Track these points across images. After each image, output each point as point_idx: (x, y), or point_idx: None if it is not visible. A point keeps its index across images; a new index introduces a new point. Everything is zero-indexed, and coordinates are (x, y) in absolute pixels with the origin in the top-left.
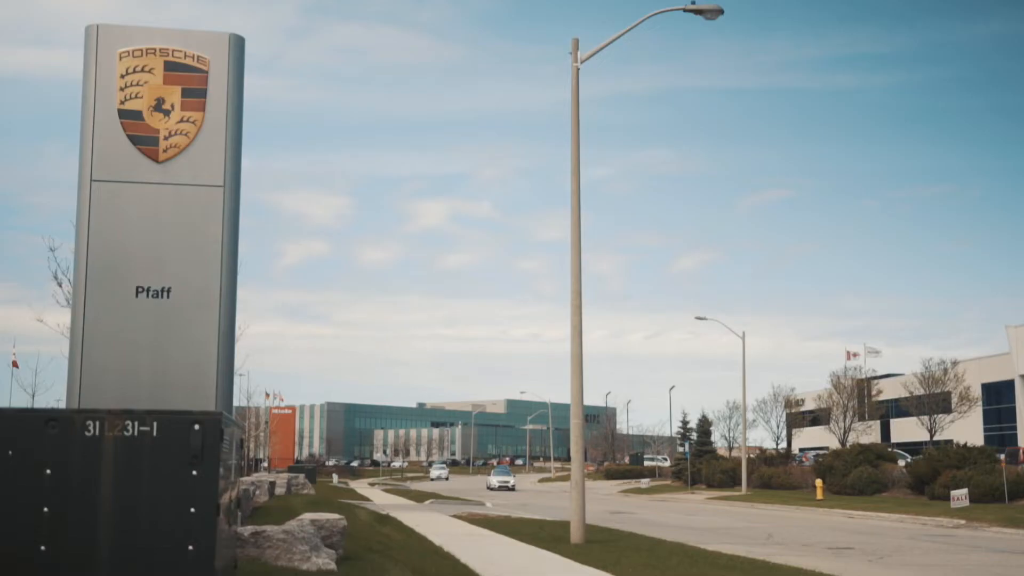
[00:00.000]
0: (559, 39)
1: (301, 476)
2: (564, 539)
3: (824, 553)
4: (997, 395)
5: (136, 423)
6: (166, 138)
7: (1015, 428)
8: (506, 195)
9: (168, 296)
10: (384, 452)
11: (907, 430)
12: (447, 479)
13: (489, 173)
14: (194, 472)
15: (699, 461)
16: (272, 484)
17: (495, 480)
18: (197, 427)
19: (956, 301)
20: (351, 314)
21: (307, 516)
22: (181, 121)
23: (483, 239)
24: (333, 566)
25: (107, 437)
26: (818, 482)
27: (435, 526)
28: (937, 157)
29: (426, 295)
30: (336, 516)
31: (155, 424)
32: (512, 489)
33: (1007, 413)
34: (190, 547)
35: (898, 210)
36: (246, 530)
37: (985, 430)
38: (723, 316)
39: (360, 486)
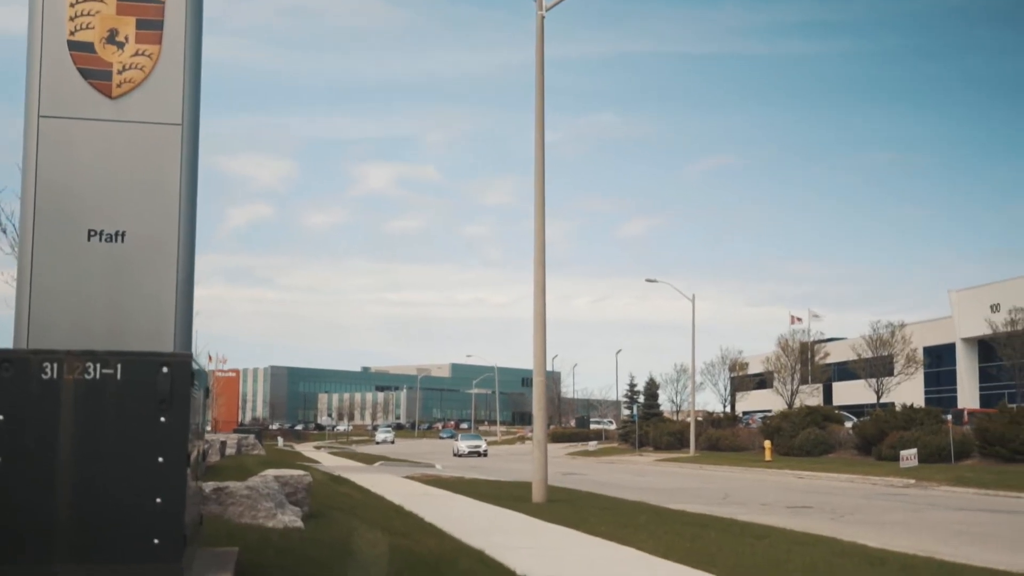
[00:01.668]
0: (510, 3)
1: (251, 437)
2: (525, 499)
3: (784, 512)
4: (938, 358)
5: (98, 365)
6: (120, 72)
7: (955, 391)
8: (452, 159)
9: (122, 240)
10: (329, 416)
11: (850, 393)
12: (393, 443)
13: (435, 137)
14: (162, 418)
15: (646, 424)
16: (223, 444)
17: (464, 446)
18: (165, 369)
19: (899, 267)
20: (296, 278)
21: (270, 472)
22: (136, 55)
23: (429, 203)
24: (300, 523)
25: (66, 380)
26: (766, 443)
27: (390, 486)
28: (884, 124)
29: (371, 259)
30: (300, 472)
31: (119, 366)
32: (484, 455)
33: (947, 376)
34: (157, 500)
35: (845, 177)
36: (208, 486)
37: (926, 393)
38: (671, 281)
39: (306, 449)
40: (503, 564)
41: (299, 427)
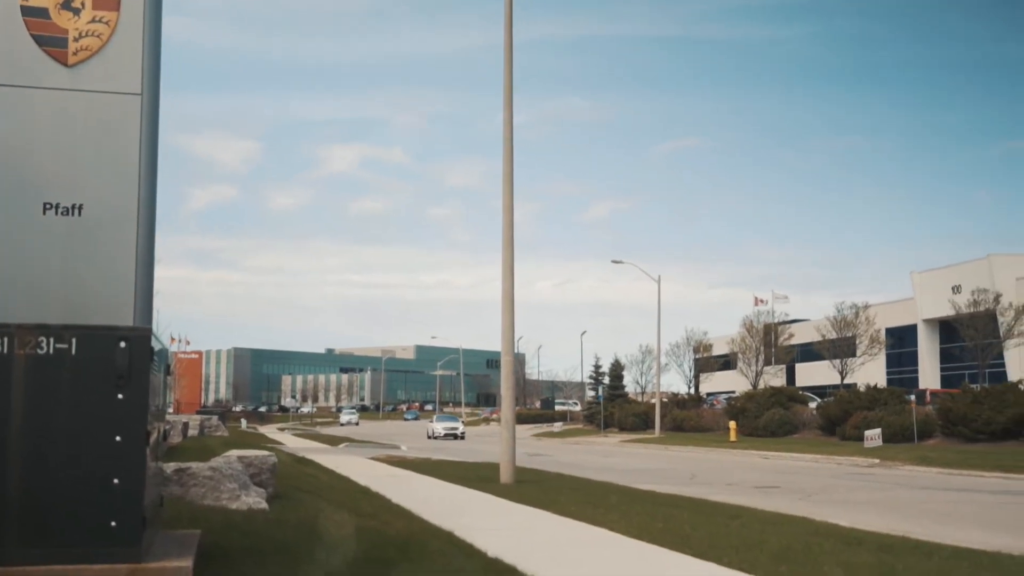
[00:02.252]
0: None
1: (214, 418)
2: (493, 480)
3: (752, 492)
4: (900, 339)
5: (52, 339)
6: (76, 39)
7: (916, 371)
8: (419, 141)
9: (80, 214)
10: (292, 398)
11: (814, 374)
12: (357, 424)
13: (402, 119)
14: (120, 395)
15: (611, 405)
16: (186, 425)
17: (440, 427)
18: (123, 344)
19: (862, 250)
20: (260, 260)
21: (234, 453)
22: (93, 21)
23: (395, 185)
24: (264, 505)
25: (18, 355)
26: (731, 424)
27: (356, 468)
28: (848, 108)
29: (336, 241)
30: (265, 453)
31: (74, 341)
32: (462, 437)
33: (909, 357)
34: (115, 480)
35: (809, 160)
36: (168, 467)
37: (888, 373)
38: (636, 263)
39: (270, 431)
40: (473, 546)
41: (263, 409)
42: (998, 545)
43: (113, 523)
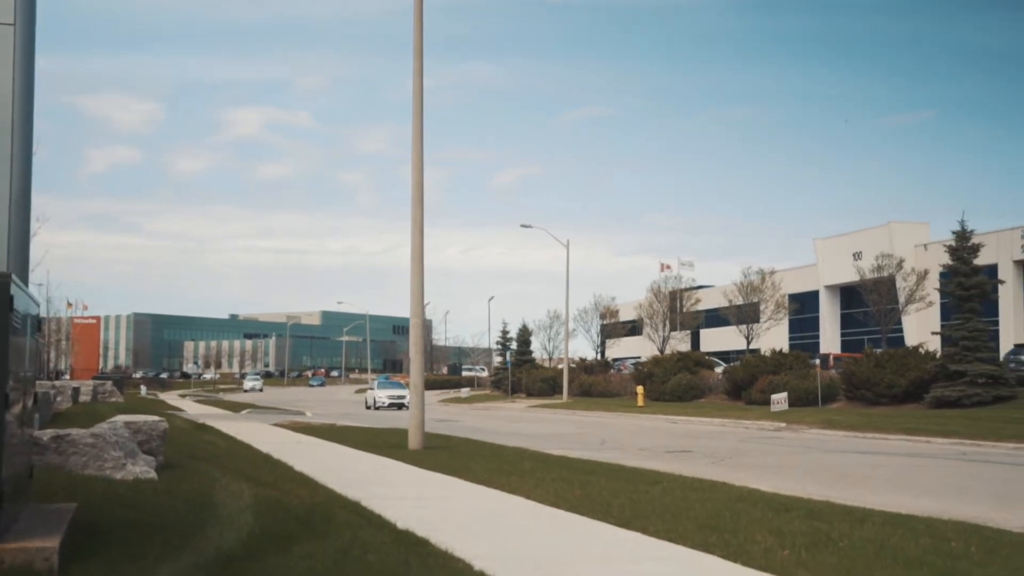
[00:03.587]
0: None
1: (108, 383)
2: (401, 446)
3: (665, 457)
4: (802, 305)
5: None
6: None
7: (818, 336)
8: (326, 105)
9: None
10: (195, 364)
11: (719, 339)
12: (261, 390)
13: (309, 82)
14: None
15: (519, 371)
16: (76, 390)
17: (383, 395)
18: None
19: (765, 218)
20: (162, 224)
21: (121, 418)
22: None
23: (301, 150)
24: (153, 474)
25: None
26: (639, 389)
27: (258, 434)
28: (750, 78)
29: (241, 206)
30: (155, 418)
31: None
32: (407, 407)
33: (810, 322)
34: None
35: (713, 129)
36: (45, 434)
37: (791, 339)
38: (543, 231)
39: (170, 397)
40: (381, 516)
41: (164, 375)
42: (921, 508)
43: None
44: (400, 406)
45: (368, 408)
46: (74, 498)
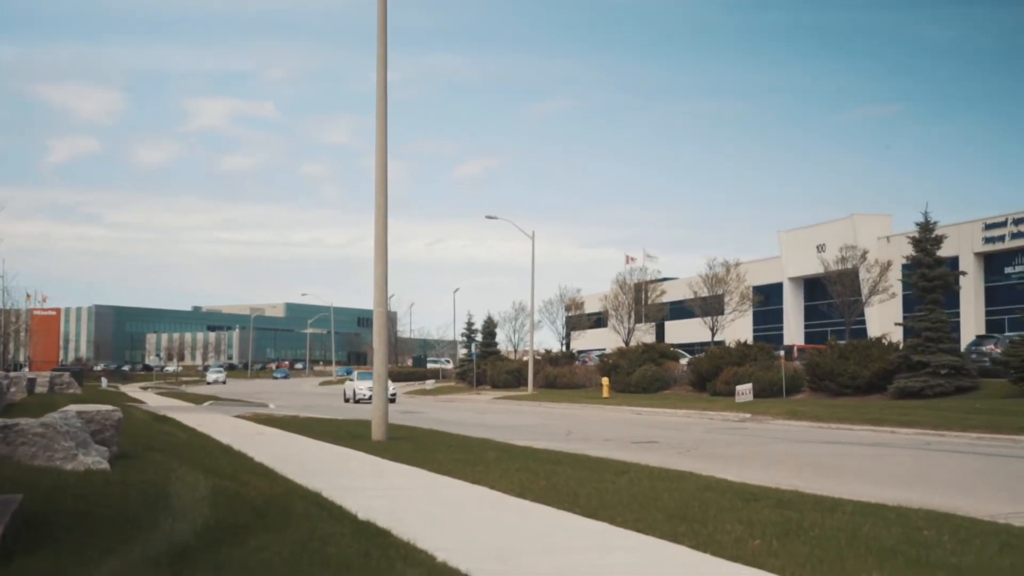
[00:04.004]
0: None
1: (66, 375)
2: (364, 437)
3: (631, 447)
4: (767, 297)
5: None
6: None
7: (782, 328)
8: (290, 97)
9: None
10: (157, 356)
11: (684, 331)
12: (224, 383)
13: (273, 73)
14: None
15: (484, 362)
16: (32, 381)
17: (363, 387)
18: None
19: (730, 211)
20: (124, 215)
21: (73, 408)
22: None
23: (265, 141)
24: (105, 465)
25: None
26: (604, 380)
27: (219, 426)
28: (717, 72)
29: (205, 197)
30: (108, 407)
31: None
32: (391, 401)
33: (774, 314)
34: None
35: (679, 122)
36: None
37: (755, 330)
38: (508, 223)
39: (132, 390)
40: (342, 507)
41: (126, 367)
42: (889, 498)
43: None
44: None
45: (347, 401)
46: (21, 489)
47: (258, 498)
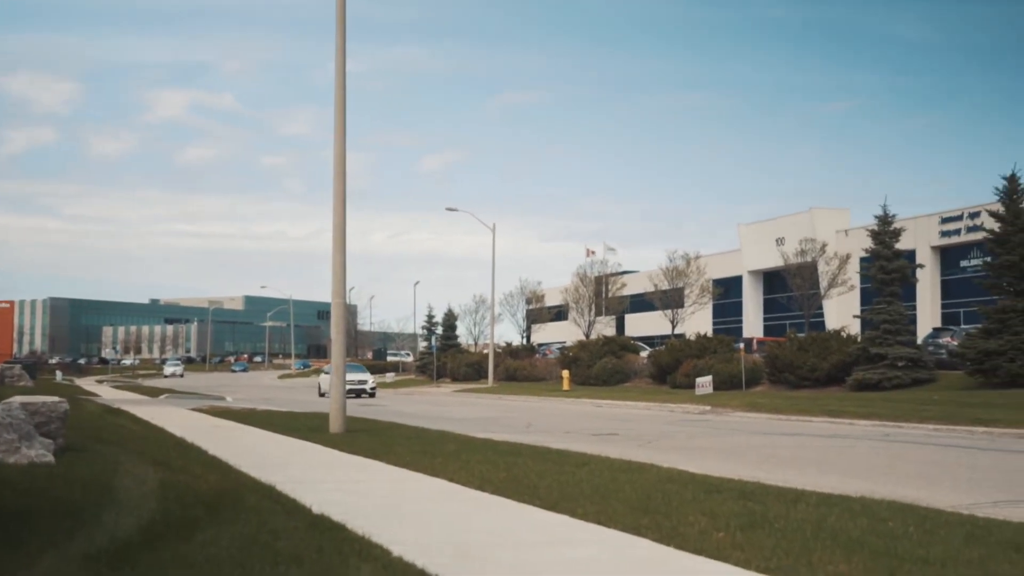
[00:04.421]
0: None
1: (17, 367)
2: (322, 429)
3: (591, 439)
4: (726, 290)
5: None
6: None
7: (741, 321)
8: (251, 88)
9: None
10: (114, 349)
11: (644, 324)
12: (182, 376)
13: (233, 64)
14: None
15: (444, 355)
16: None
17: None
18: None
19: (690, 205)
20: (82, 207)
21: (17, 399)
22: None
23: (226, 133)
24: (50, 458)
25: None
26: (564, 373)
27: (174, 419)
28: (679, 65)
29: (164, 190)
30: (54, 399)
31: None
32: (372, 394)
33: (733, 307)
34: None
35: (640, 117)
36: None
37: (714, 323)
38: (469, 216)
39: (87, 383)
40: (297, 501)
41: (81, 361)
42: (851, 489)
43: None
44: (361, 392)
45: (322, 396)
46: None
47: (209, 492)
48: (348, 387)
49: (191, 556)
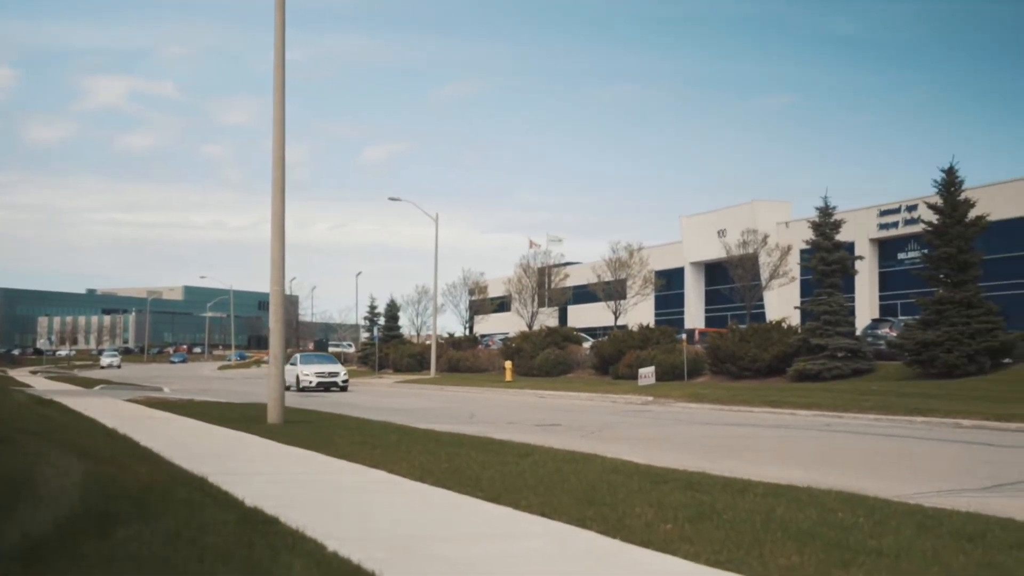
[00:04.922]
0: None
1: None
2: (260, 420)
3: (535, 430)
4: (669, 281)
5: None
6: None
7: (683, 312)
8: (191, 75)
9: None
10: (49, 340)
11: (587, 315)
12: (119, 367)
13: (173, 51)
14: None
15: (387, 346)
16: None
17: (310, 372)
18: None
19: (633, 197)
20: (16, 196)
21: None
22: None
23: (166, 121)
24: None
25: None
26: (507, 364)
27: (107, 409)
28: (622, 57)
29: (102, 178)
30: None
31: None
32: (344, 388)
33: (675, 299)
34: None
35: (583, 109)
36: None
37: (657, 315)
38: (412, 207)
39: (20, 374)
40: (229, 493)
41: (15, 351)
42: (796, 479)
43: None
44: (331, 386)
45: (289, 389)
46: None
47: (136, 484)
48: (318, 380)
49: (111, 553)
